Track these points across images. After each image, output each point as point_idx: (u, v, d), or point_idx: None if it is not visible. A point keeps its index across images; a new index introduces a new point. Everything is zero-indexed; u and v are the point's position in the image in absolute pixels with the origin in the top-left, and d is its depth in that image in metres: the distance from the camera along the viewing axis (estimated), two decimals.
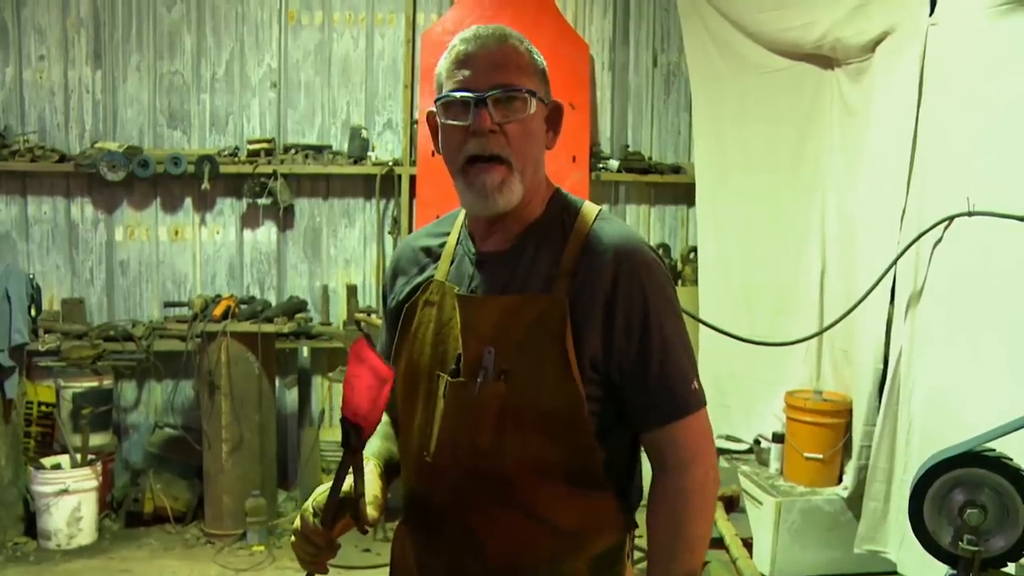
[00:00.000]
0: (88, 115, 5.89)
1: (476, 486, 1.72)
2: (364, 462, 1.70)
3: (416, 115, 5.83)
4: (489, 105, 1.65)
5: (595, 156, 5.95)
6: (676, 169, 6.13)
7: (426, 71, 5.70)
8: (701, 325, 5.13)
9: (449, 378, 1.73)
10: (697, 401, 1.72)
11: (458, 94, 1.67)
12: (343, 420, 1.60)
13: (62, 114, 5.87)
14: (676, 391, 1.70)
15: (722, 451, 5.33)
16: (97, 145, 5.72)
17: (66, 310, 5.81)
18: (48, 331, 5.58)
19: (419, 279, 1.87)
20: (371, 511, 1.68)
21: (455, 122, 1.68)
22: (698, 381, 1.73)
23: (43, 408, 5.64)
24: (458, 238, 1.86)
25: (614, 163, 6.00)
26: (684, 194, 6.13)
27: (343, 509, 1.68)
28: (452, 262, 1.84)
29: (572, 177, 5.69)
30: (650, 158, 6.17)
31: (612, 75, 6.19)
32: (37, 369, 5.58)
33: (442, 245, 1.88)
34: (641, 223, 6.23)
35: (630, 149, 6.15)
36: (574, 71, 5.78)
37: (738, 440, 5.36)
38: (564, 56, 5.74)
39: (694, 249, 5.98)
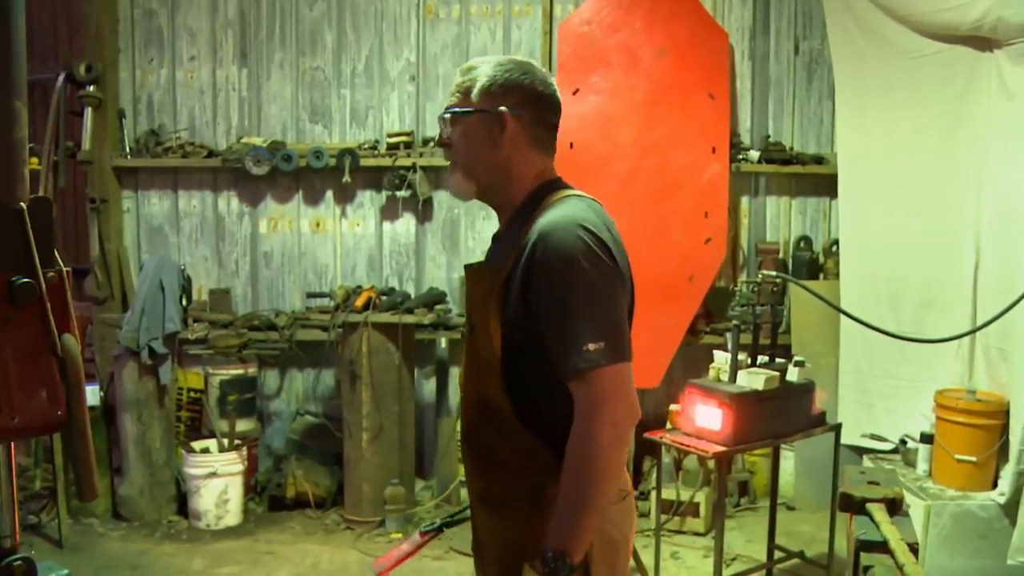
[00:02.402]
0: (234, 112, 6.09)
1: (467, 417, 2.21)
2: None
3: None
4: (440, 127, 2.20)
5: (735, 147, 5.82)
6: (818, 159, 5.94)
7: (564, 62, 5.68)
8: (843, 321, 4.98)
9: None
10: (591, 361, 1.90)
11: None
12: None
13: (210, 111, 6.09)
14: (569, 352, 1.92)
15: (865, 450, 5.16)
16: (243, 140, 5.92)
17: (213, 300, 6.03)
18: (197, 320, 5.81)
19: None
20: None
21: None
22: (603, 342, 1.91)
23: (192, 394, 5.88)
24: None
25: (754, 154, 5.86)
26: (826, 185, 5.94)
27: None
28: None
29: (711, 168, 5.59)
30: (791, 148, 6.00)
31: (752, 64, 6.04)
32: (187, 356, 5.81)
33: None
34: (782, 215, 6.07)
35: (771, 139, 5.99)
36: (713, 61, 5.67)
37: (883, 439, 5.17)
38: (703, 45, 5.64)
39: (836, 242, 5.79)
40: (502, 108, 2.11)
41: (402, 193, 5.89)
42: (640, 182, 5.61)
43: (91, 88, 5.80)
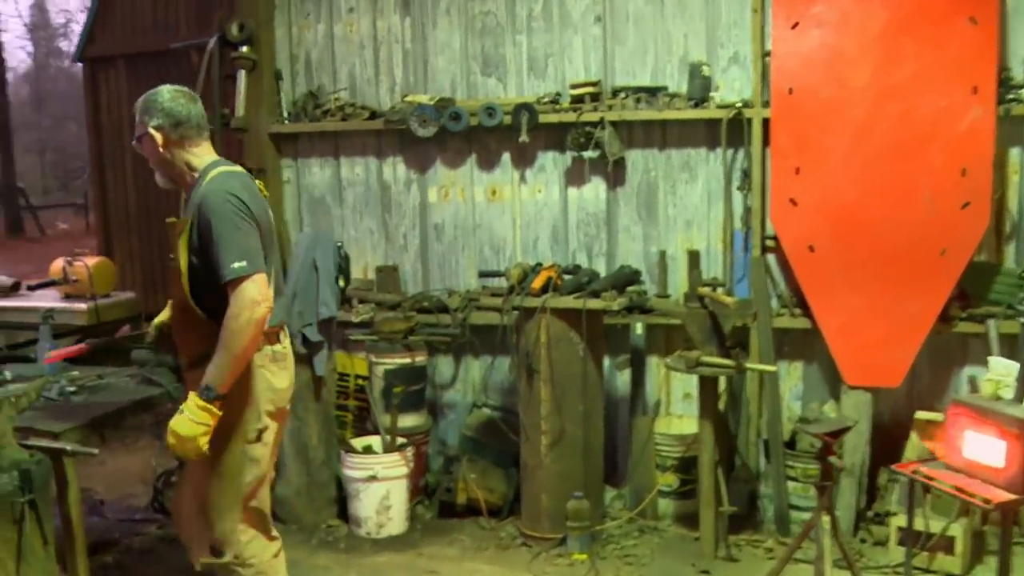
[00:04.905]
0: (398, 67, 5.48)
1: (173, 314, 3.41)
2: None
3: (768, 45, 4.80)
4: (137, 148, 3.30)
5: (1004, 85, 4.59)
6: None
7: None
8: None
9: None
10: (233, 272, 2.98)
11: None
12: None
13: (372, 67, 5.51)
14: (223, 268, 3.00)
15: None
16: (407, 99, 5.28)
17: (380, 279, 5.50)
18: (363, 301, 5.29)
19: None
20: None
21: None
22: (245, 261, 2.99)
23: (359, 381, 5.45)
24: None
25: None
26: None
27: None
28: None
29: (972, 114, 4.49)
30: None
31: None
32: (352, 341, 5.30)
33: None
34: None
35: None
36: None
37: None
38: None
39: None
40: (150, 128, 3.14)
41: (589, 154, 5.08)
42: (878, 134, 4.59)
43: (244, 49, 5.33)
